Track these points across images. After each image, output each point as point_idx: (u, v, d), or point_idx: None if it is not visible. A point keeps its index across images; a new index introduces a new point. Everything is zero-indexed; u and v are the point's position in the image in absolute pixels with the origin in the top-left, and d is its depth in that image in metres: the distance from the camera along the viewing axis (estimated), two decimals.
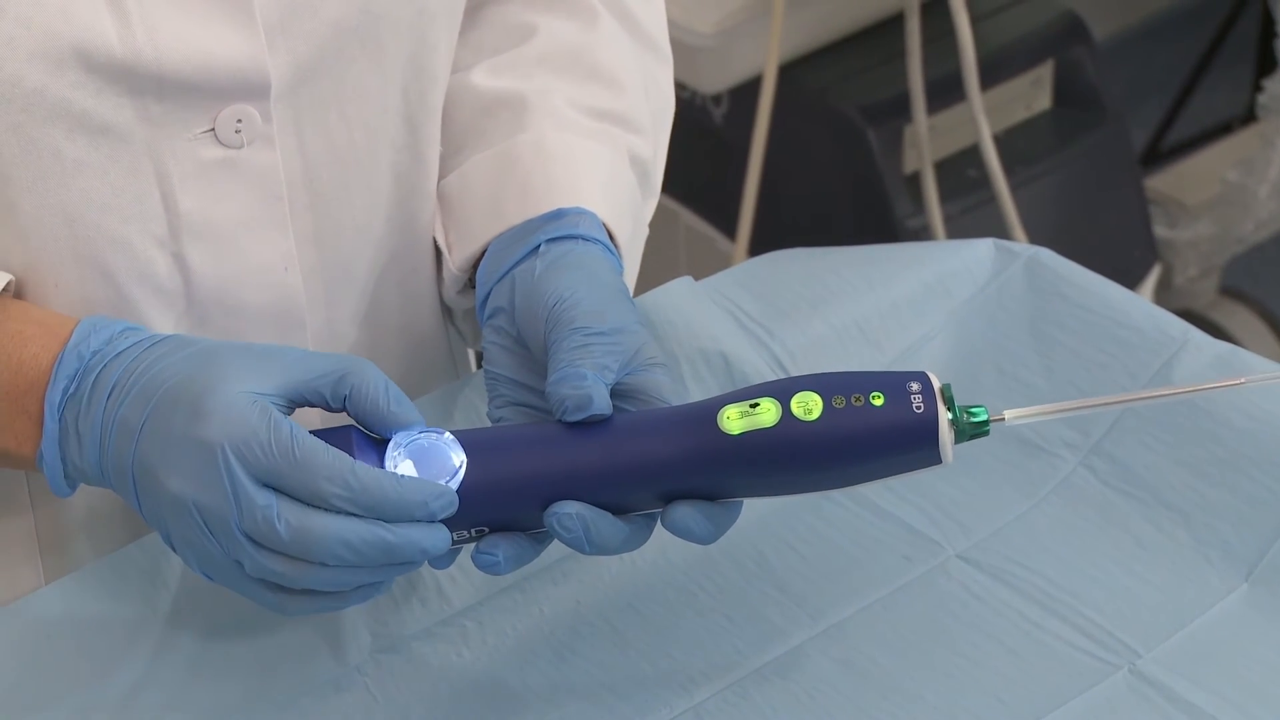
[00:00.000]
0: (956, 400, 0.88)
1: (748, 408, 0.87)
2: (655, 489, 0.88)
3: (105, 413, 0.87)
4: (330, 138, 0.96)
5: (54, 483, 0.89)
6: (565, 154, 1.00)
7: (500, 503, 0.87)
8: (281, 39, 0.92)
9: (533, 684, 0.96)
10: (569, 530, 0.87)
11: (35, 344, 0.89)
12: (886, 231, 2.17)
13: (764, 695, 0.95)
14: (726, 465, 0.87)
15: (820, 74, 2.19)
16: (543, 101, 1.02)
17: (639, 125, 1.05)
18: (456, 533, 0.88)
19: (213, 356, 0.86)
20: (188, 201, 0.93)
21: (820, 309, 1.10)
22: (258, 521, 0.84)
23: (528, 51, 1.04)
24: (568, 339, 0.90)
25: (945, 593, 0.99)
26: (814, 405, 0.86)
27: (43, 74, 0.87)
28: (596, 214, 0.98)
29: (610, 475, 0.87)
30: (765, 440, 0.86)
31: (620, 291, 0.94)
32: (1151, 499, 1.03)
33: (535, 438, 0.89)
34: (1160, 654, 0.95)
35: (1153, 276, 2.35)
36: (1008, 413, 0.88)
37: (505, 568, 0.88)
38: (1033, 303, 1.11)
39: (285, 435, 0.83)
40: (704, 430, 0.87)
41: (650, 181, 1.07)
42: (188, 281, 0.94)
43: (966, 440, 0.88)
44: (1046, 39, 2.26)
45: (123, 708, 0.94)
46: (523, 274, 0.95)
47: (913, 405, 0.86)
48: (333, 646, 0.97)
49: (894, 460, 0.87)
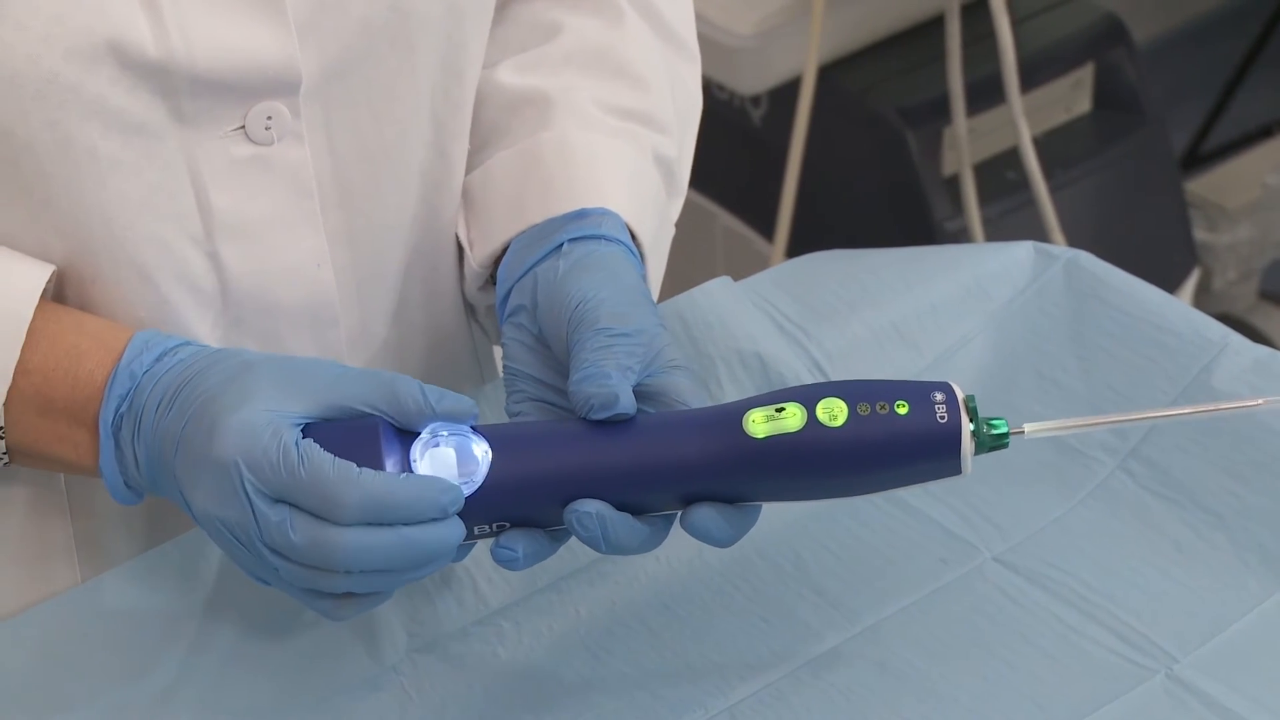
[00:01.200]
0: (981, 410, 0.88)
1: (773, 412, 0.87)
2: (677, 490, 0.88)
3: (155, 426, 0.88)
4: (360, 135, 0.96)
5: (116, 494, 0.91)
6: (588, 153, 1.00)
7: (522, 498, 0.87)
8: (312, 36, 0.92)
9: (568, 684, 0.96)
10: (587, 529, 0.87)
11: (90, 359, 0.90)
12: (925, 234, 2.17)
13: (799, 696, 0.95)
14: (750, 469, 0.87)
15: (859, 75, 2.19)
16: (567, 99, 1.02)
17: (664, 124, 1.05)
18: (477, 526, 0.88)
19: (244, 374, 0.87)
20: (221, 199, 0.93)
21: (858, 310, 1.10)
22: (274, 536, 0.85)
23: (553, 49, 1.04)
24: (591, 339, 0.90)
25: (981, 595, 0.99)
26: (839, 411, 0.86)
27: (78, 71, 0.87)
28: (619, 214, 0.98)
29: (633, 475, 0.87)
30: (790, 445, 0.86)
31: (642, 294, 0.94)
32: (1189, 503, 1.02)
33: (560, 435, 0.89)
34: (1197, 659, 0.95)
35: (1192, 280, 2.35)
36: (1027, 426, 0.89)
37: (524, 563, 0.88)
38: (1071, 306, 1.10)
39: (292, 454, 0.84)
40: (729, 433, 0.87)
41: (676, 181, 1.07)
42: (223, 280, 0.95)
43: (986, 452, 0.88)
44: (1087, 41, 2.25)
45: (157, 706, 0.94)
46: (545, 273, 0.95)
47: (936, 415, 0.86)
48: (368, 646, 0.97)
49: (915, 469, 0.87)
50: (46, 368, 0.90)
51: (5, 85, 0.87)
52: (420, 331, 1.05)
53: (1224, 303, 2.48)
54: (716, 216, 2.33)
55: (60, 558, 0.99)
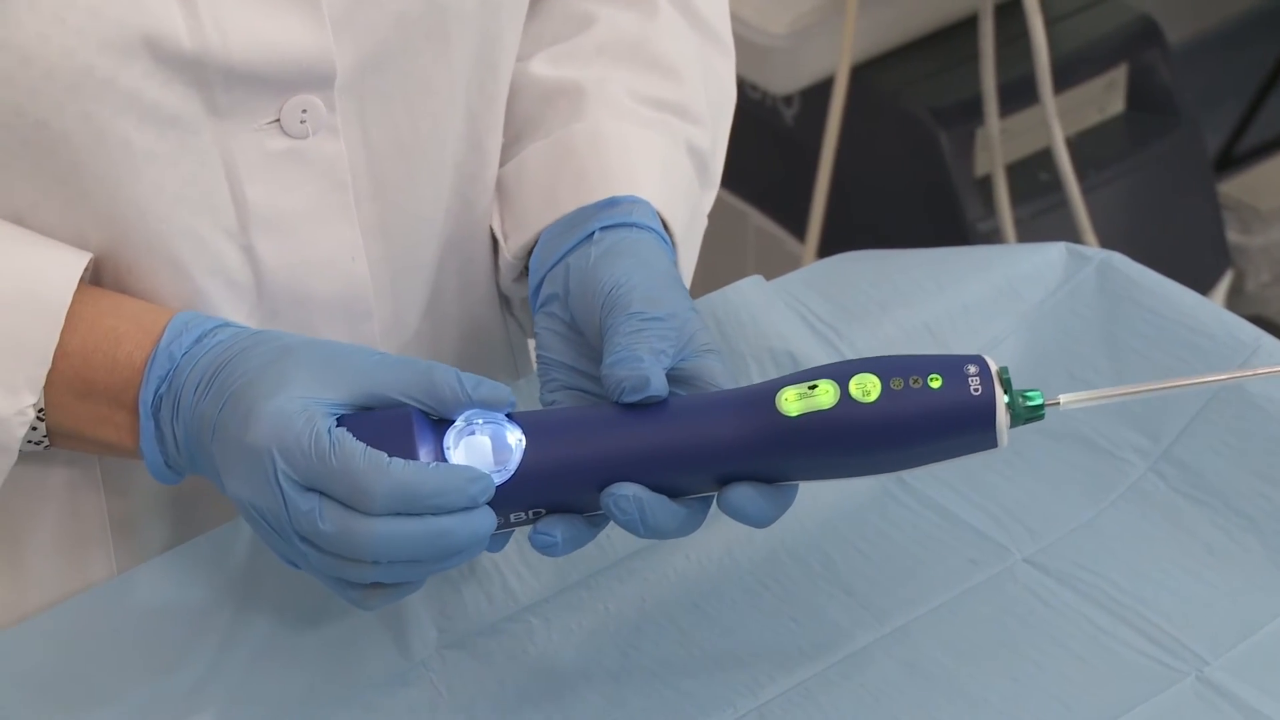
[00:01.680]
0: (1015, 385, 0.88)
1: (806, 389, 0.87)
2: (712, 471, 0.88)
3: (194, 408, 0.88)
4: (395, 128, 0.97)
5: (158, 474, 0.91)
6: (621, 142, 1.01)
7: (557, 483, 0.87)
8: (347, 29, 0.93)
9: (597, 681, 0.96)
10: (625, 512, 0.87)
11: (129, 342, 0.90)
12: (957, 235, 2.16)
13: (828, 697, 0.94)
14: (784, 447, 0.87)
15: (892, 75, 2.19)
16: (600, 90, 1.03)
17: (697, 116, 1.05)
18: (513, 514, 0.88)
19: (282, 359, 0.87)
20: (255, 192, 0.93)
21: (890, 310, 1.10)
22: (304, 524, 0.85)
23: (587, 41, 1.05)
24: (624, 323, 0.90)
25: (1011, 597, 0.99)
26: (872, 387, 0.86)
27: (112, 64, 0.88)
28: (651, 203, 0.98)
29: (667, 457, 0.87)
30: (823, 422, 0.86)
31: (674, 279, 0.94)
32: (1221, 505, 1.02)
33: (593, 419, 0.89)
34: (1228, 661, 0.95)
35: (1225, 282, 2.34)
36: (1063, 397, 0.88)
37: (563, 549, 0.88)
38: (1104, 307, 1.10)
39: (324, 442, 0.85)
40: (762, 412, 0.87)
41: (709, 172, 1.07)
42: (258, 273, 0.95)
43: (1022, 424, 0.87)
44: (1120, 42, 2.25)
45: (188, 701, 0.95)
46: (577, 260, 0.95)
47: (970, 388, 0.86)
48: (398, 641, 0.97)
49: (950, 443, 0.87)
50: (86, 350, 0.90)
51: (41, 78, 0.87)
52: (454, 324, 1.05)
53: (1257, 304, 2.48)
54: (748, 216, 2.33)
55: (96, 543, 0.99)
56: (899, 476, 1.05)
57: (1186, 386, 0.91)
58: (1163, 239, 2.27)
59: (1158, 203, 2.28)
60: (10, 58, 0.87)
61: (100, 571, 0.99)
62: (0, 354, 0.89)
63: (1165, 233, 2.27)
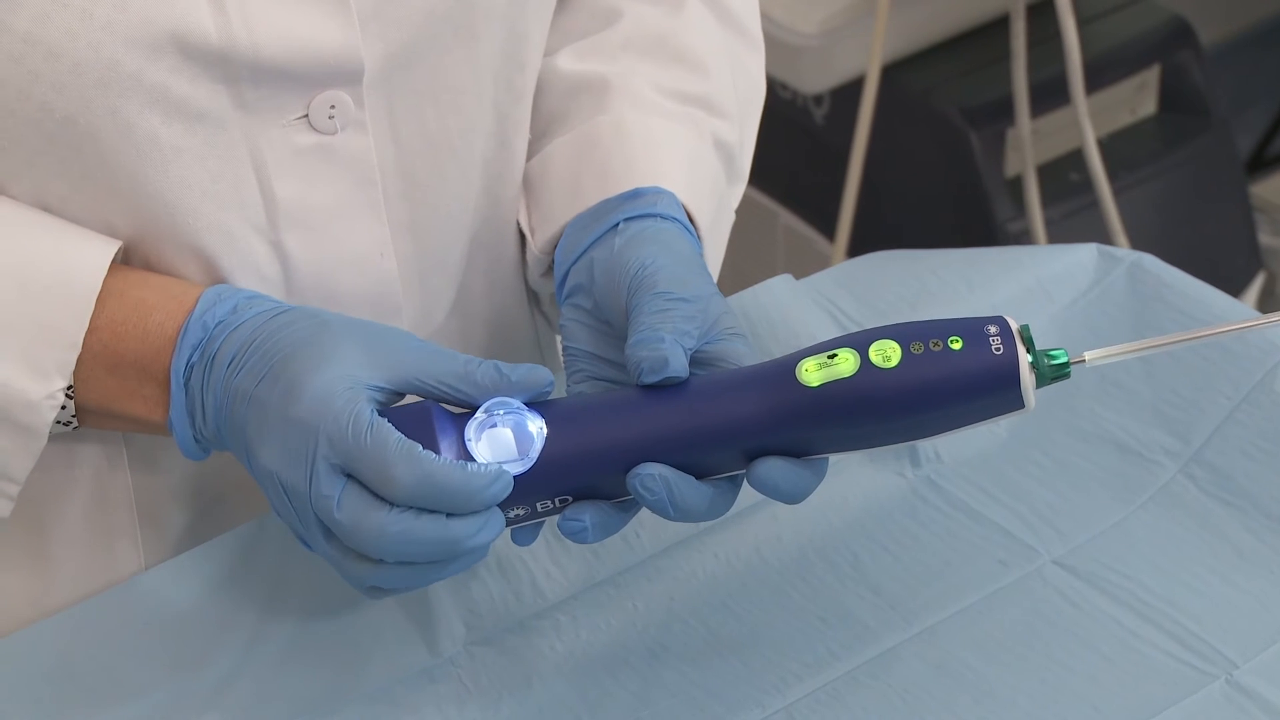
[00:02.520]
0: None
1: (825, 359, 0.86)
2: (736, 447, 0.87)
3: (226, 381, 0.88)
4: (424, 125, 0.97)
5: (185, 448, 0.91)
6: (645, 135, 1.01)
7: (581, 469, 0.87)
8: (375, 25, 0.93)
9: (624, 679, 0.96)
10: (652, 492, 0.86)
11: (160, 312, 0.90)
12: (987, 235, 2.16)
13: (856, 697, 0.94)
14: (807, 418, 0.86)
15: (923, 76, 2.18)
16: (625, 84, 1.03)
17: (724, 110, 1.05)
18: (540, 503, 0.88)
19: (321, 334, 0.88)
20: (283, 188, 0.93)
21: (920, 310, 1.10)
22: (321, 508, 0.85)
23: (612, 35, 1.05)
24: (649, 303, 0.90)
25: (1040, 598, 0.99)
26: (892, 353, 0.86)
27: (140, 59, 0.88)
28: (675, 194, 0.98)
29: (690, 435, 0.87)
30: (845, 390, 0.86)
31: (699, 264, 0.94)
32: (1252, 508, 1.02)
33: (614, 403, 0.89)
34: (1258, 664, 0.94)
35: (1256, 284, 2.33)
36: (1088, 354, 0.87)
37: (593, 535, 0.88)
38: (1135, 308, 1.10)
39: (363, 422, 0.85)
40: (783, 384, 0.86)
41: (736, 167, 1.07)
42: (286, 269, 0.95)
43: (1047, 384, 0.86)
44: (1153, 43, 2.24)
45: (216, 697, 0.95)
46: (601, 251, 0.95)
47: (992, 348, 0.85)
48: (426, 637, 0.97)
49: (976, 406, 0.86)
50: (114, 323, 0.91)
51: (68, 73, 0.87)
52: (482, 321, 1.05)
53: None
54: (778, 215, 2.32)
55: (123, 534, 0.99)
56: (928, 477, 1.04)
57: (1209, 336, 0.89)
58: (1194, 241, 2.26)
59: (1189, 204, 2.27)
60: (37, 53, 0.87)
61: (128, 562, 0.99)
62: (30, 339, 0.89)
63: (1197, 234, 2.27)
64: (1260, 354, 1.06)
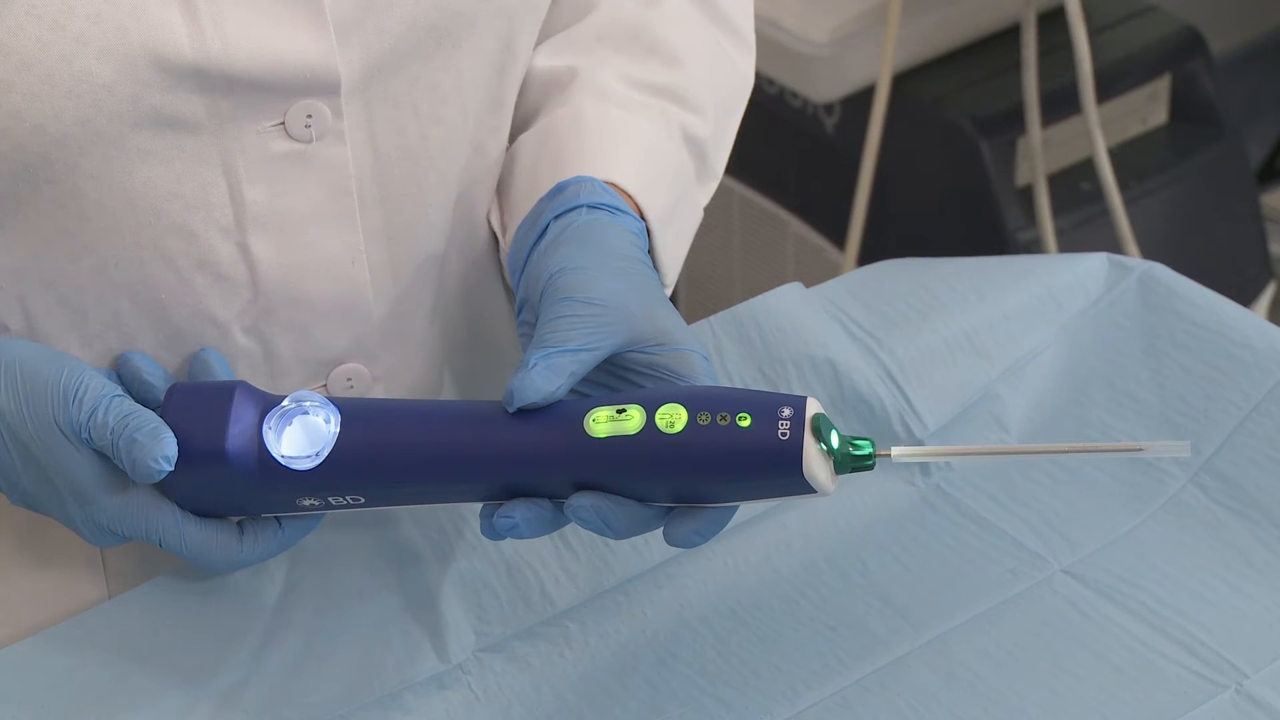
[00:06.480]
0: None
1: (615, 413, 0.86)
2: (515, 479, 0.88)
3: None
4: (403, 134, 0.96)
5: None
6: (599, 124, 0.99)
7: (367, 473, 0.88)
8: (355, 35, 0.92)
9: (633, 687, 0.96)
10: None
11: None
12: (997, 244, 2.16)
13: (865, 706, 0.94)
14: (587, 467, 0.86)
15: (934, 85, 2.18)
16: (591, 75, 1.01)
17: (696, 103, 1.03)
18: (334, 498, 0.89)
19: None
20: (254, 192, 0.93)
21: (930, 319, 1.10)
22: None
23: (586, 28, 1.04)
24: (548, 310, 0.90)
25: (1050, 608, 0.98)
26: (678, 419, 0.85)
27: (112, 71, 0.87)
28: (620, 182, 0.97)
29: (477, 461, 0.88)
30: (625, 447, 0.86)
31: (622, 258, 0.93)
32: (1262, 518, 1.02)
33: (423, 413, 0.89)
34: (1268, 675, 0.94)
35: (1267, 294, 2.33)
36: (894, 450, 0.86)
37: (524, 530, 0.88)
38: (1145, 318, 1.10)
39: None
40: (569, 430, 0.87)
41: (708, 163, 1.05)
42: (253, 271, 0.95)
43: (849, 472, 0.86)
44: (1164, 53, 2.24)
45: (226, 702, 0.95)
46: (531, 260, 0.95)
47: (778, 431, 0.84)
48: (436, 644, 0.97)
49: (759, 484, 0.85)
50: None
51: (40, 84, 0.87)
52: (461, 326, 1.04)
53: None
54: (788, 224, 2.32)
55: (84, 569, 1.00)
56: (938, 485, 1.04)
57: (1029, 454, 0.89)
58: (1205, 250, 2.26)
59: (1200, 214, 2.27)
60: (9, 63, 0.86)
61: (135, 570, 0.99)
62: None
63: (1207, 244, 2.27)
64: (1270, 363, 1.06)
